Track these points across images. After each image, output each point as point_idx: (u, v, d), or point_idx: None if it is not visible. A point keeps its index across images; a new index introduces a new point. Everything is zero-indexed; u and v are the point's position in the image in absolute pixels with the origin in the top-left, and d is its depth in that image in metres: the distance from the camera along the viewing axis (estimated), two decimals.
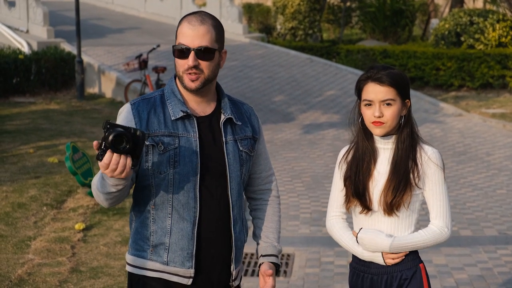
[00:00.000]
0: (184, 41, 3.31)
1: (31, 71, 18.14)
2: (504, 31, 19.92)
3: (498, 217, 8.85)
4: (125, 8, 27.78)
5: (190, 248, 3.36)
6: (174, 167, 3.32)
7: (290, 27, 24.00)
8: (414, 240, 3.55)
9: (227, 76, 18.59)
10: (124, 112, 3.39)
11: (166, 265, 3.38)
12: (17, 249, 7.47)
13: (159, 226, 3.37)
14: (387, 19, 24.63)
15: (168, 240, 3.36)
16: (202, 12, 3.38)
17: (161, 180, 3.34)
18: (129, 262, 3.47)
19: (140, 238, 3.43)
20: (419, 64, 19.99)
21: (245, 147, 3.48)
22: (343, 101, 17.05)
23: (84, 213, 8.69)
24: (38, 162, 11.00)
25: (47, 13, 20.85)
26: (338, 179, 3.67)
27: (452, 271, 7.03)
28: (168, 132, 3.33)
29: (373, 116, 3.46)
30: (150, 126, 3.33)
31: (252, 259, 7.43)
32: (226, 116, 3.42)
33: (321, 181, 10.57)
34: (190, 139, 3.34)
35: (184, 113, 3.34)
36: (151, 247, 3.39)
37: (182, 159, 3.32)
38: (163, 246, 3.37)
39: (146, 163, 3.33)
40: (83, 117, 15.28)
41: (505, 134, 14.26)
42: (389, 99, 3.45)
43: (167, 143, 3.32)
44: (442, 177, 3.55)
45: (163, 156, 3.32)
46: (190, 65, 3.29)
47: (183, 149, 3.33)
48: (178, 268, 3.37)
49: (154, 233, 3.38)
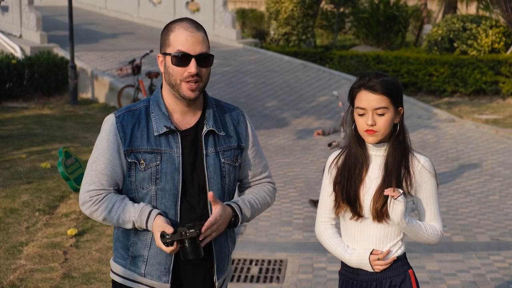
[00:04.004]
0: (184, 48, 3.24)
1: (24, 76, 18.11)
2: (497, 37, 19.97)
3: (491, 223, 8.86)
4: (119, 13, 27.76)
5: (167, 263, 3.35)
6: (156, 184, 3.29)
7: (283, 33, 24.01)
8: (417, 222, 3.51)
9: (221, 82, 18.58)
10: (108, 124, 3.35)
11: (143, 277, 3.39)
12: (9, 255, 7.44)
13: (139, 238, 3.37)
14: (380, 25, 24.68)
15: (147, 253, 3.36)
16: (190, 19, 3.33)
17: (144, 195, 3.33)
18: (112, 268, 3.50)
19: (121, 246, 3.44)
20: (412, 70, 20.03)
21: (227, 158, 3.42)
22: (336, 106, 17.04)
23: (77, 219, 8.67)
24: (30, 167, 10.98)
25: (40, 18, 20.82)
26: (327, 184, 3.66)
27: (445, 277, 7.02)
28: (151, 149, 3.29)
29: (366, 125, 3.45)
30: (133, 142, 3.30)
31: (239, 264, 7.42)
32: (208, 128, 3.36)
33: (314, 186, 10.57)
34: (172, 155, 3.30)
35: (167, 128, 3.30)
36: (130, 257, 3.40)
37: (164, 176, 3.29)
38: (141, 258, 3.37)
39: (129, 178, 3.33)
40: (76, 122, 15.25)
41: (498, 140, 14.28)
42: (382, 108, 3.44)
43: (149, 160, 3.29)
44: (435, 185, 3.56)
45: (144, 173, 3.30)
46: (193, 73, 3.24)
47: (165, 166, 3.29)
48: (155, 281, 3.37)
49: (134, 244, 3.38)
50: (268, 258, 7.61)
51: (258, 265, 7.40)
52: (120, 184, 3.36)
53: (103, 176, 3.32)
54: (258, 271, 7.23)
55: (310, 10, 24.10)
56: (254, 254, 7.74)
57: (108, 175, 3.31)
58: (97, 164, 3.33)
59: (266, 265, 7.40)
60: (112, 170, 3.31)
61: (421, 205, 3.56)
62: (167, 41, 3.29)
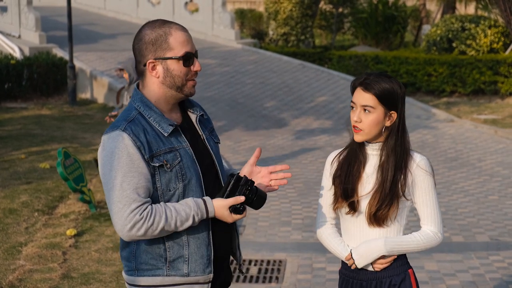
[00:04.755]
0: (188, 48, 3.32)
1: (23, 76, 18.10)
2: (495, 37, 19.98)
3: (490, 223, 8.86)
4: (118, 13, 27.75)
5: (208, 254, 3.38)
6: (183, 180, 3.31)
7: (282, 33, 24.01)
8: (408, 240, 3.56)
9: (219, 82, 18.58)
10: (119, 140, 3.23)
11: (186, 277, 3.36)
12: (8, 255, 7.45)
13: (174, 240, 3.34)
14: (379, 25, 24.68)
15: (187, 251, 3.35)
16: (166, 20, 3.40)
17: (170, 197, 3.31)
18: (141, 284, 3.38)
19: (150, 257, 3.35)
20: (411, 70, 20.03)
21: (215, 138, 3.58)
22: (335, 107, 17.06)
23: (76, 219, 8.67)
24: (29, 167, 10.98)
25: (39, 18, 20.81)
26: (327, 178, 3.68)
27: (444, 277, 7.03)
28: (169, 149, 3.30)
29: (353, 120, 3.51)
30: (151, 147, 3.26)
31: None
32: (197, 114, 3.49)
33: (313, 187, 10.57)
34: (186, 149, 3.35)
35: (173, 126, 3.33)
36: (167, 263, 3.35)
37: (188, 171, 3.32)
38: (181, 259, 3.35)
39: (154, 185, 3.28)
40: (75, 122, 15.25)
41: (496, 140, 14.28)
42: (368, 106, 3.47)
43: (171, 160, 3.29)
44: (432, 183, 3.55)
45: (171, 173, 3.29)
46: (199, 70, 3.36)
47: (185, 161, 3.32)
48: (199, 276, 3.38)
49: (170, 248, 3.34)
50: (267, 258, 7.62)
51: (257, 265, 7.40)
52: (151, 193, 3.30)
53: (141, 190, 3.22)
54: (257, 272, 7.23)
55: (309, 10, 24.10)
56: (253, 254, 7.75)
57: (144, 187, 3.23)
58: (128, 181, 3.20)
59: (265, 265, 7.40)
60: (146, 180, 3.23)
61: (419, 205, 3.57)
62: (166, 46, 3.29)
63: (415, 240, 3.56)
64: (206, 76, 18.65)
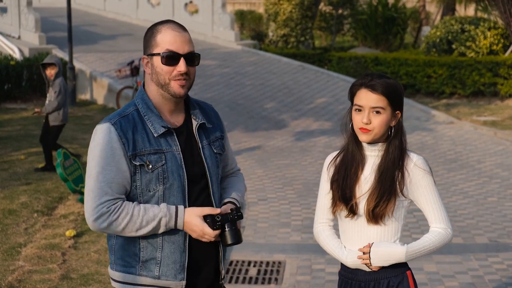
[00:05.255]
0: (173, 47, 3.29)
1: (23, 77, 18.11)
2: (495, 39, 19.99)
3: (489, 225, 8.87)
4: (117, 14, 27.76)
5: (182, 260, 3.37)
6: (164, 183, 3.32)
7: (282, 34, 24.02)
8: (425, 244, 3.57)
9: (219, 83, 18.59)
10: (106, 133, 3.29)
11: (157, 279, 3.38)
12: (7, 256, 7.45)
13: (149, 241, 3.36)
14: (378, 26, 24.69)
15: (160, 254, 3.36)
16: (173, 21, 3.39)
17: (150, 197, 3.33)
18: (115, 278, 3.46)
19: (127, 254, 3.41)
20: (411, 71, 20.04)
21: (217, 148, 3.52)
22: (334, 108, 17.07)
23: (75, 220, 8.67)
24: (29, 168, 10.98)
25: (39, 19, 20.82)
26: (325, 181, 3.69)
27: (443, 279, 7.03)
28: (154, 150, 3.32)
29: (361, 122, 3.48)
30: (136, 146, 3.30)
31: (237, 266, 7.42)
32: (198, 122, 3.45)
33: (312, 188, 10.57)
34: (174, 153, 3.34)
35: (165, 128, 3.33)
36: (140, 262, 3.38)
37: (171, 175, 3.32)
38: (154, 261, 3.37)
39: (134, 183, 3.32)
40: (75, 123, 15.25)
41: (496, 141, 14.29)
42: (379, 107, 3.47)
43: (154, 161, 3.31)
44: (431, 181, 3.56)
45: (152, 174, 3.31)
46: (182, 71, 3.29)
47: (170, 164, 3.32)
48: (170, 281, 3.38)
49: (144, 248, 3.37)
50: (266, 259, 7.62)
51: (257, 267, 7.40)
52: (128, 191, 3.35)
53: (115, 185, 3.28)
54: (257, 273, 7.24)
55: (308, 11, 24.11)
56: (252, 255, 7.75)
57: (119, 183, 3.28)
58: (104, 174, 3.27)
59: (264, 267, 7.40)
60: (123, 177, 3.28)
61: (423, 204, 3.57)
62: (154, 42, 3.33)
63: (430, 242, 3.57)
64: (205, 78, 18.67)
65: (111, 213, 3.26)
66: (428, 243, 3.57)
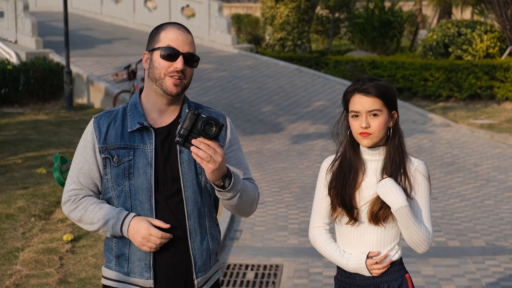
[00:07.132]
0: (174, 44, 3.33)
1: (20, 81, 18.10)
2: (491, 42, 20.03)
3: (486, 228, 8.87)
4: (114, 18, 27.76)
5: (147, 258, 3.39)
6: (129, 179, 3.36)
7: (279, 38, 24.05)
8: (416, 223, 3.46)
9: (216, 87, 18.60)
10: (88, 126, 3.48)
11: (127, 276, 3.42)
12: (5, 260, 7.44)
13: (120, 237, 3.41)
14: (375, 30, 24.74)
15: (128, 250, 3.41)
16: (180, 23, 3.44)
17: (120, 192, 3.39)
18: (102, 273, 3.55)
19: (107, 249, 3.50)
20: (407, 75, 20.07)
21: None
22: (331, 111, 17.08)
23: (73, 224, 8.66)
24: (26, 172, 10.98)
25: (35, 23, 20.82)
26: (322, 187, 3.67)
27: (440, 282, 7.04)
28: (124, 145, 3.37)
29: (360, 127, 3.47)
30: (107, 139, 3.39)
31: (234, 269, 7.43)
32: None
33: (309, 191, 10.58)
34: (145, 150, 3.37)
35: (140, 125, 3.37)
36: (115, 258, 3.45)
37: (136, 171, 3.35)
38: (124, 257, 3.42)
39: (105, 176, 3.41)
40: (72, 127, 15.25)
41: (493, 144, 14.30)
42: (375, 110, 3.47)
43: (121, 156, 3.37)
44: (427, 188, 3.57)
45: (118, 168, 3.37)
46: (178, 68, 3.32)
47: (137, 161, 3.36)
48: (138, 279, 3.41)
49: (116, 244, 3.44)
50: (263, 263, 7.62)
51: (254, 270, 7.40)
52: (99, 184, 3.45)
53: (81, 175, 3.43)
54: (254, 276, 7.24)
55: (305, 15, 24.14)
56: (249, 259, 7.75)
57: (85, 174, 3.42)
58: (75, 164, 3.46)
59: (261, 270, 7.40)
60: (89, 168, 3.42)
61: (413, 208, 3.56)
62: (157, 38, 3.38)
63: (418, 226, 3.48)
64: (202, 81, 18.67)
65: (72, 202, 3.43)
66: (417, 225, 3.46)
